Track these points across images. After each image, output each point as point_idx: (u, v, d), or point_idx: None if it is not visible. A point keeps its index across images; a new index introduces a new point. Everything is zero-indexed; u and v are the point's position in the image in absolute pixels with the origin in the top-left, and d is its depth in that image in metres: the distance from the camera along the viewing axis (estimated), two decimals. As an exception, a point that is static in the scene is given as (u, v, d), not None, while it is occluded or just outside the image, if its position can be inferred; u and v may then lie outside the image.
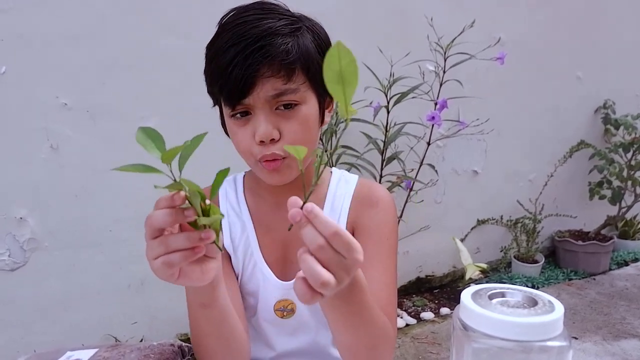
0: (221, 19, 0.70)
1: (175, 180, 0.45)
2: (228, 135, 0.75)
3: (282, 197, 0.55)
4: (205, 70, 0.71)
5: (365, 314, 0.60)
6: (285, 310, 0.81)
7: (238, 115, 0.69)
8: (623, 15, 2.87)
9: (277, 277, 0.80)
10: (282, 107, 0.68)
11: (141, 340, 1.71)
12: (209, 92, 0.73)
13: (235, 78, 0.64)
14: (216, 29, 0.70)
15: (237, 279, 0.82)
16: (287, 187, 0.74)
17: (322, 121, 0.75)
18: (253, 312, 0.84)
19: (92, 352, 0.89)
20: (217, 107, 0.76)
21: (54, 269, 1.55)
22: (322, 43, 0.72)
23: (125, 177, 1.59)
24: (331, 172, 0.85)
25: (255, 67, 0.64)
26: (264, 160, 0.69)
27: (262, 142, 0.67)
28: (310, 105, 0.70)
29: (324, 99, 0.74)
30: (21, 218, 1.48)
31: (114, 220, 1.60)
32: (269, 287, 0.80)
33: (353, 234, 0.79)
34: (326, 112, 0.76)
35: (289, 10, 0.72)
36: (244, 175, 0.87)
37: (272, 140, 0.67)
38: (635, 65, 3.01)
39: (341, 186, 0.82)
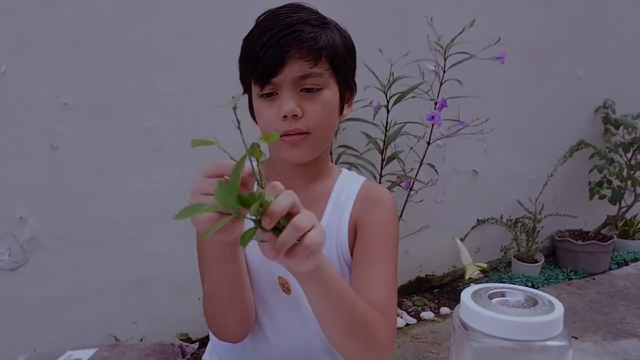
0: (257, 18, 0.77)
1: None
2: (255, 120, 0.81)
3: (294, 184, 0.61)
4: (240, 58, 0.78)
5: (343, 298, 0.65)
6: (283, 286, 0.82)
7: (265, 95, 0.75)
8: (623, 14, 2.87)
9: None
10: (306, 90, 0.74)
11: (141, 340, 1.71)
12: (241, 78, 0.80)
13: (268, 58, 0.71)
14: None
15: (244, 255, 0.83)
16: (299, 176, 0.82)
17: (341, 112, 0.81)
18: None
19: (92, 351, 0.89)
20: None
21: (54, 269, 1.54)
22: (347, 42, 0.80)
23: (126, 177, 1.59)
24: (340, 170, 0.89)
25: (286, 49, 0.71)
26: (285, 134, 0.74)
27: (285, 117, 0.73)
28: (332, 92, 0.77)
29: (345, 91, 0.81)
30: (21, 218, 1.48)
31: (115, 220, 1.60)
32: (273, 264, 0.81)
33: (355, 231, 0.82)
34: (345, 105, 0.83)
35: (318, 11, 0.79)
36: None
37: (295, 117, 0.73)
38: (635, 65, 3.01)
39: (348, 183, 0.86)
